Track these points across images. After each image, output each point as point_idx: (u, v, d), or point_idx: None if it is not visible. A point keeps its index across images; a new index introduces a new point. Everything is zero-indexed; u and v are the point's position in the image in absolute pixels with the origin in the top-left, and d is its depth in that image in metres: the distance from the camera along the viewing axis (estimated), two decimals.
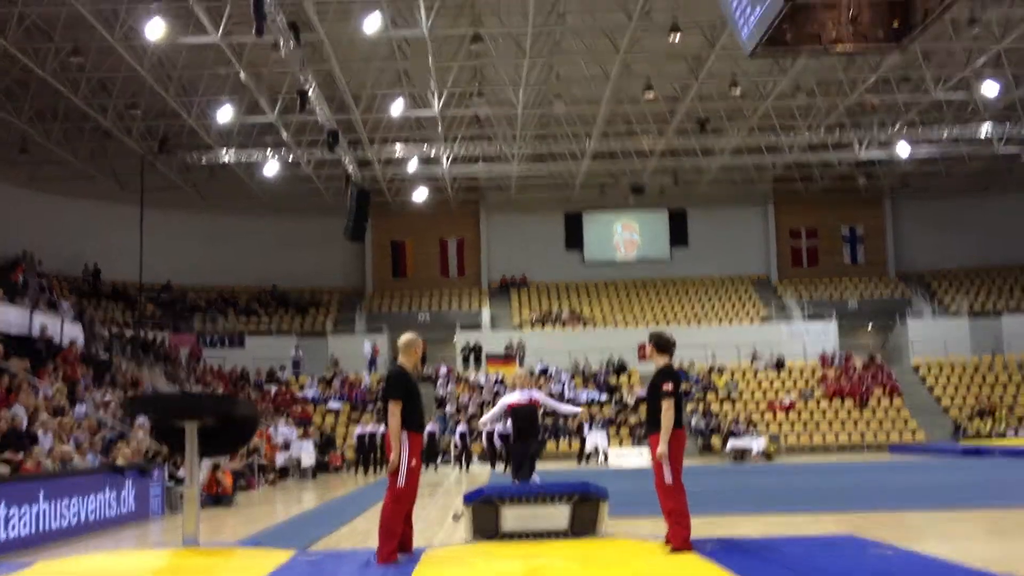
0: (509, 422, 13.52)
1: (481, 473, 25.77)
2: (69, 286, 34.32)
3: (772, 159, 37.75)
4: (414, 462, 8.28)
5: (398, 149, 34.12)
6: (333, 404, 34.87)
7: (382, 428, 25.57)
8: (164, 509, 15.37)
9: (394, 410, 8.26)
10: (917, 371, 37.88)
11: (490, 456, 27.97)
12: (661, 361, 8.71)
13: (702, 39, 27.31)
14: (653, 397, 8.60)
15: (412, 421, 8.36)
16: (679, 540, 8.33)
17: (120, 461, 14.49)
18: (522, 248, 43.55)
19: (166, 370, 30.95)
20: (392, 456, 8.21)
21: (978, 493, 14.68)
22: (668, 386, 8.44)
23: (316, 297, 42.62)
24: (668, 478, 8.35)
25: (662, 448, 8.33)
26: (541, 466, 13.23)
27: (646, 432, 8.89)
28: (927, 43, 26.98)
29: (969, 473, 19.95)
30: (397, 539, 8.29)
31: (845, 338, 40.16)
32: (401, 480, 8.19)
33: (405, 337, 8.69)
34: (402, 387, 8.36)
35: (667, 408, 8.37)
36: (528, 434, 10.41)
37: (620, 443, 32.15)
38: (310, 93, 25.58)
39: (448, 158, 35.46)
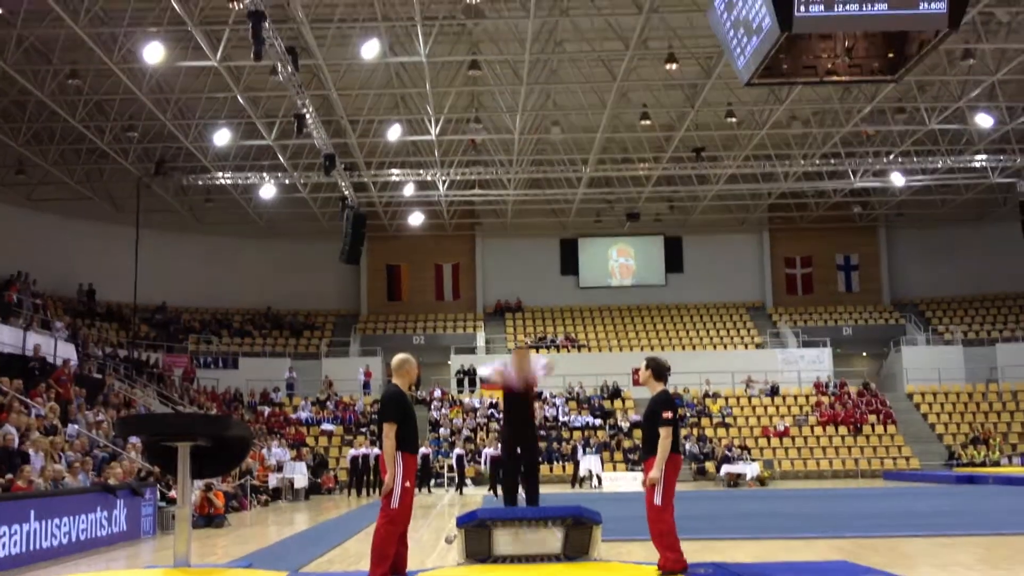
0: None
1: (475, 496, 25.71)
2: (64, 306, 34.28)
3: (767, 187, 37.92)
4: (408, 484, 8.21)
5: (394, 174, 34.22)
6: (327, 426, 34.81)
7: (375, 450, 25.65)
8: (156, 529, 15.31)
9: (388, 432, 8.20)
10: (911, 398, 37.92)
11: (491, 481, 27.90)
12: (657, 387, 8.71)
13: (698, 68, 27.49)
14: (651, 423, 8.56)
15: (406, 443, 8.29)
16: (669, 563, 8.31)
17: (112, 481, 14.44)
18: (517, 273, 43.61)
19: (159, 391, 30.89)
20: (387, 478, 8.16)
21: (972, 520, 14.66)
22: (668, 414, 8.41)
23: (311, 319, 42.62)
24: (658, 499, 8.33)
25: (654, 474, 8.31)
26: None
27: (642, 456, 8.82)
28: (922, 75, 27.23)
29: (963, 500, 19.94)
30: (389, 562, 8.20)
31: (840, 365, 40.28)
32: (395, 502, 8.13)
33: (399, 357, 8.63)
34: (398, 409, 8.29)
35: (665, 436, 8.34)
36: (521, 435, 10.14)
37: (614, 467, 32.10)
38: (307, 117, 25.68)
39: (444, 183, 35.56)
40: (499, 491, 26.20)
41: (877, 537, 12.42)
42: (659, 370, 8.74)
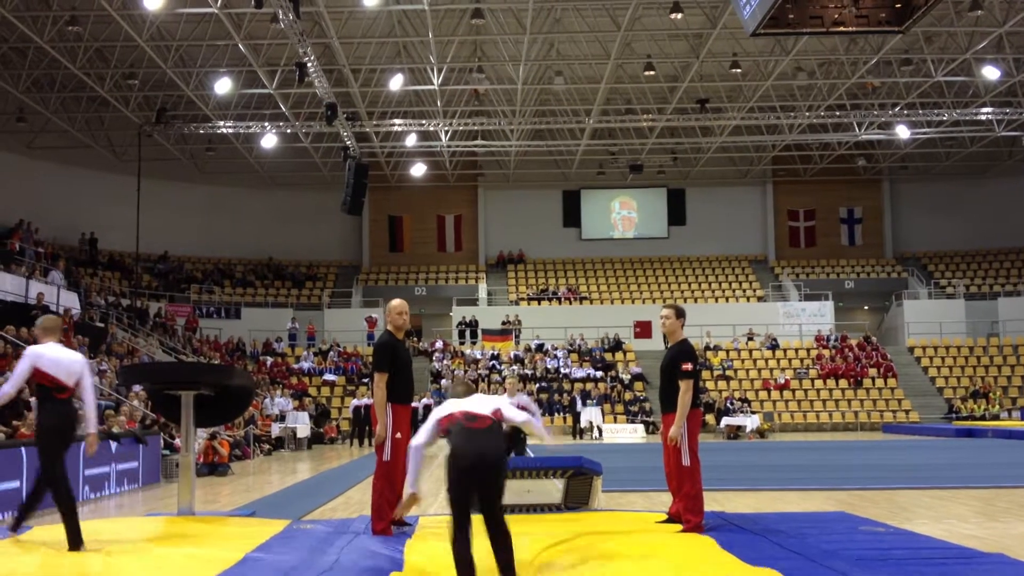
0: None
1: None
2: (66, 255, 34.29)
3: (771, 139, 37.72)
4: (399, 435, 8.01)
5: (397, 124, 34.03)
6: (329, 376, 34.96)
7: (367, 400, 25.64)
8: (160, 477, 15.44)
9: (379, 382, 8.02)
10: (912, 352, 38.01)
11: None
12: (680, 335, 8.43)
13: (703, 18, 27.23)
14: (670, 376, 8.22)
15: (397, 393, 8.11)
16: (691, 525, 8.14)
17: (116, 429, 14.53)
18: (520, 224, 43.54)
19: (162, 340, 30.98)
20: (378, 428, 7.99)
21: (970, 473, 14.75)
22: (688, 366, 8.09)
23: (313, 270, 42.66)
24: (686, 460, 8.07)
25: (675, 430, 8.04)
26: (536, 442, 13.13)
27: (662, 410, 8.48)
28: (929, 26, 26.96)
29: (961, 453, 20.05)
30: (390, 517, 8.15)
31: (841, 318, 40.33)
32: (387, 454, 7.96)
33: (392, 303, 8.47)
34: (388, 358, 8.09)
35: (686, 389, 8.03)
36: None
37: (615, 419, 32.27)
38: (309, 66, 25.47)
39: (447, 134, 35.38)
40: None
41: (875, 489, 12.51)
42: (680, 311, 8.53)
